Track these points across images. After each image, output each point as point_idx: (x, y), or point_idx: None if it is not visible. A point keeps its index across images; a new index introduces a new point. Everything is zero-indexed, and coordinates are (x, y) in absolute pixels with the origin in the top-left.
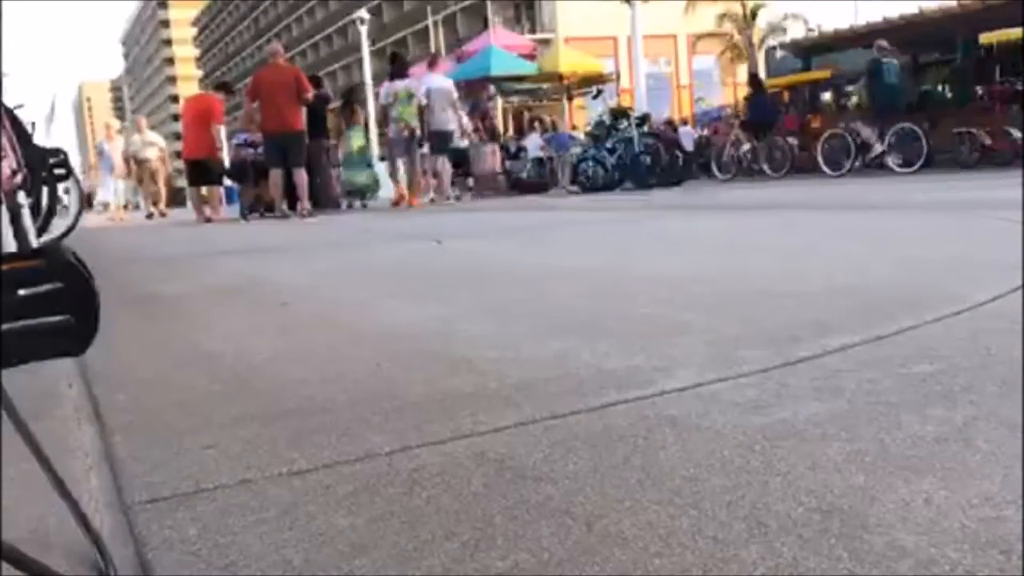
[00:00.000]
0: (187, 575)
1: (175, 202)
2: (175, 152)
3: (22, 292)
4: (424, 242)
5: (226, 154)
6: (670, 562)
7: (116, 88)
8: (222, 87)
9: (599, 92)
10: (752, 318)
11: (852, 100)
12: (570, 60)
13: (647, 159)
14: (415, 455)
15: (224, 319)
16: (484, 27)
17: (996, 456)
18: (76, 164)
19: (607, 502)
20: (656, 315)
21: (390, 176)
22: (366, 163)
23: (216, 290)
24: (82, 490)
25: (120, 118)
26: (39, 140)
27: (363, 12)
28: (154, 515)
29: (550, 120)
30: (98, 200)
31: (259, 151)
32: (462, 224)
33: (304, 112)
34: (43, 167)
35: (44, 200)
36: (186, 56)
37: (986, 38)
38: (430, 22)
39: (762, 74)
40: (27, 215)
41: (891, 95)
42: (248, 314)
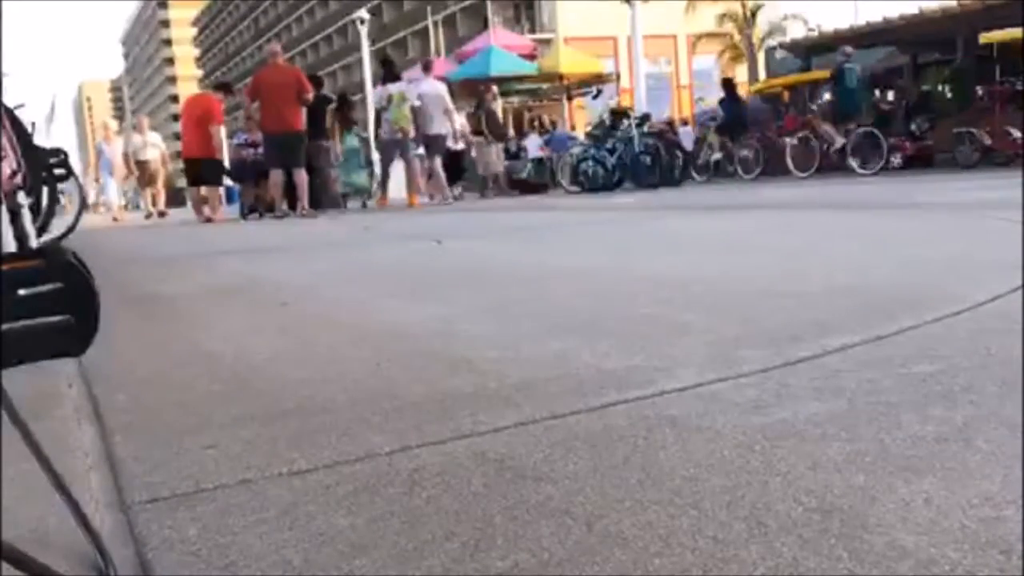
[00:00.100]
0: (187, 575)
1: (175, 202)
2: (175, 152)
3: (22, 292)
4: (424, 242)
5: (226, 154)
6: (670, 562)
7: (116, 88)
8: (222, 87)
9: (599, 92)
10: (752, 318)
11: (818, 103)
12: (570, 60)
13: (647, 159)
14: (415, 455)
15: (224, 319)
16: (484, 27)
17: (996, 456)
18: (76, 164)
19: (607, 502)
20: (656, 315)
21: (380, 181)
22: (362, 164)
23: (216, 290)
24: (82, 490)
25: (120, 118)
26: (39, 140)
27: (363, 12)
28: (154, 515)
29: (549, 120)
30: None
31: (259, 151)
32: (462, 224)
33: (304, 112)
34: (43, 167)
35: (44, 200)
36: (186, 56)
37: (986, 38)
38: (430, 22)
39: (762, 74)
40: (27, 215)
41: (853, 98)
42: (248, 314)
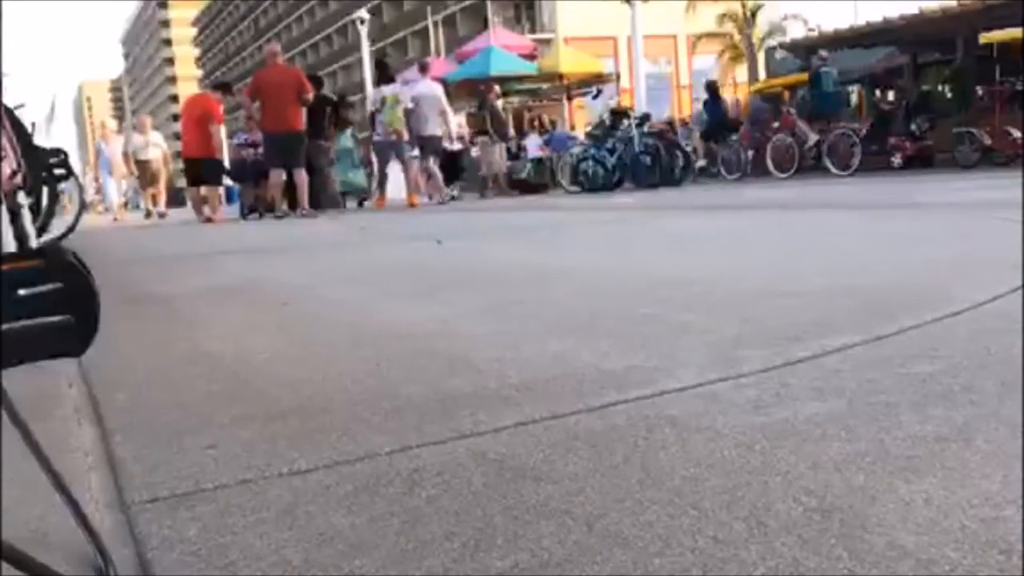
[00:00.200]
0: (187, 575)
1: (175, 202)
2: (176, 152)
3: (22, 292)
4: (424, 242)
5: (226, 154)
6: (670, 562)
7: (116, 88)
8: (221, 87)
9: (599, 92)
10: (752, 318)
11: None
12: (570, 60)
13: (647, 159)
14: (415, 455)
15: (224, 319)
16: (484, 27)
17: (996, 456)
18: (76, 164)
19: (607, 502)
20: (656, 315)
21: (378, 183)
22: (356, 164)
23: (216, 290)
24: (82, 490)
25: (120, 118)
26: (39, 140)
27: (363, 12)
28: (154, 515)
29: (549, 120)
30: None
31: (259, 151)
32: (462, 224)
33: (304, 112)
34: (43, 167)
35: (44, 200)
36: (186, 56)
37: (986, 38)
38: (430, 22)
39: (762, 74)
40: (27, 215)
41: (829, 100)
42: (248, 314)
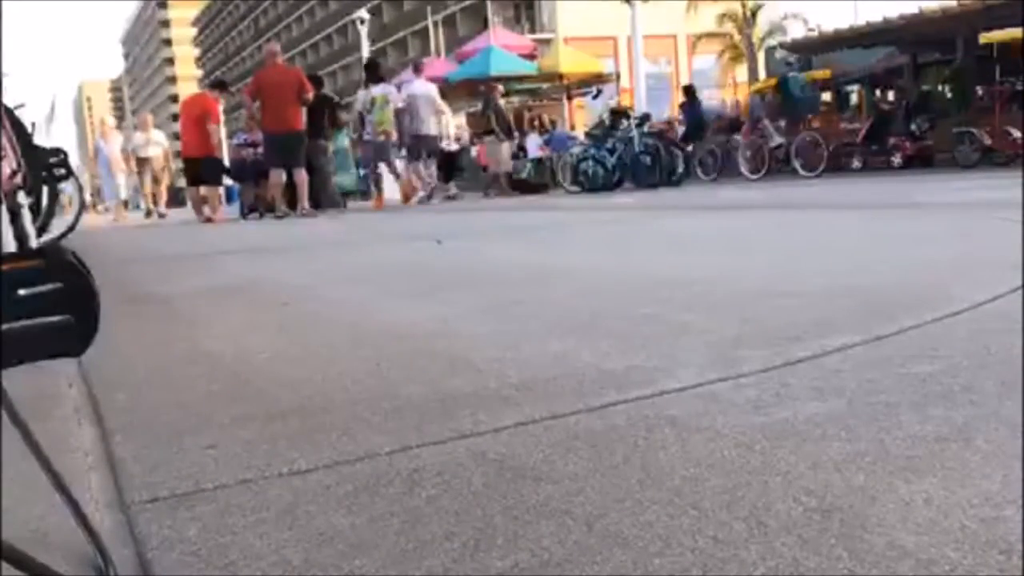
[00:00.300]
0: (187, 575)
1: (175, 202)
2: (176, 152)
3: (22, 292)
4: (424, 242)
5: (226, 154)
6: (670, 562)
7: (116, 88)
8: (217, 85)
9: (599, 92)
10: (752, 318)
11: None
12: (570, 60)
13: (647, 159)
14: (415, 455)
15: (224, 319)
16: (484, 27)
17: (996, 456)
18: (76, 164)
19: (607, 502)
20: (656, 315)
21: (373, 183)
22: (350, 165)
23: (216, 290)
24: (82, 490)
25: (120, 118)
26: (39, 140)
27: (363, 12)
28: (154, 515)
29: (549, 120)
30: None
31: (259, 151)
32: (462, 224)
33: (304, 112)
34: (43, 167)
35: (44, 200)
36: (186, 56)
37: (986, 38)
38: (430, 22)
39: (762, 74)
40: (27, 215)
41: (796, 104)
42: (248, 314)
